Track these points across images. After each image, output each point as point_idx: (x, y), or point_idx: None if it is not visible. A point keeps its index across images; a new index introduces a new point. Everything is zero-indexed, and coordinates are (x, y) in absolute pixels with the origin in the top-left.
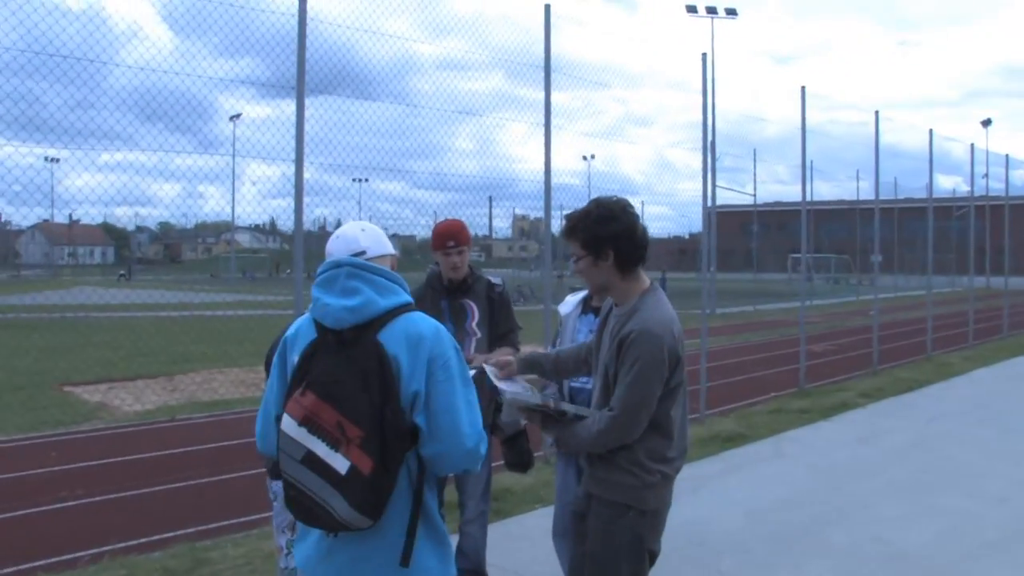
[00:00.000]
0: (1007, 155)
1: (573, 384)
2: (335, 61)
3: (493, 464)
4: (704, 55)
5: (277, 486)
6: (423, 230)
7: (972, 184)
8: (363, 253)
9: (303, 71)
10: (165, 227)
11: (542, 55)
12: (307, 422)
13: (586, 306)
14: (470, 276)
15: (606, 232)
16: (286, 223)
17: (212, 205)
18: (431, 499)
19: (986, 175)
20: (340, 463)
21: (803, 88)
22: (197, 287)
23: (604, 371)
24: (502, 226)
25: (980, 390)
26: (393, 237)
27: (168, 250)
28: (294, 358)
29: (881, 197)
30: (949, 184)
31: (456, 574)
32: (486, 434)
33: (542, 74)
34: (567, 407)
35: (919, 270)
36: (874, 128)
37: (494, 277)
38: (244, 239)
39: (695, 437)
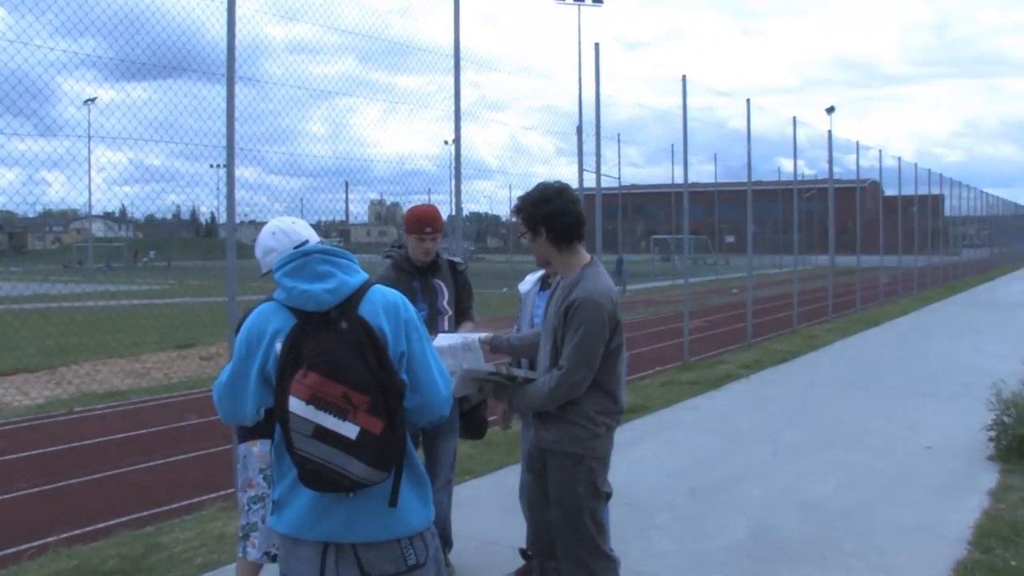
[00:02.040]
0: (857, 142)
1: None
2: (183, 42)
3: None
4: (596, 44)
5: (243, 448)
6: (277, 216)
7: (831, 169)
8: (306, 242)
9: (233, 54)
10: (6, 216)
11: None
12: (313, 399)
13: (543, 283)
14: (437, 258)
15: (539, 212)
16: (138, 210)
17: (56, 192)
18: (411, 446)
19: (830, 159)
20: (349, 430)
21: (684, 77)
22: (52, 278)
23: (552, 336)
24: (359, 211)
25: (847, 358)
26: (250, 224)
27: (13, 240)
28: (277, 347)
29: (730, 179)
30: (790, 167)
31: (434, 516)
32: (458, 403)
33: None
34: (517, 372)
35: (771, 250)
36: (746, 114)
37: (454, 256)
38: (96, 228)
39: None
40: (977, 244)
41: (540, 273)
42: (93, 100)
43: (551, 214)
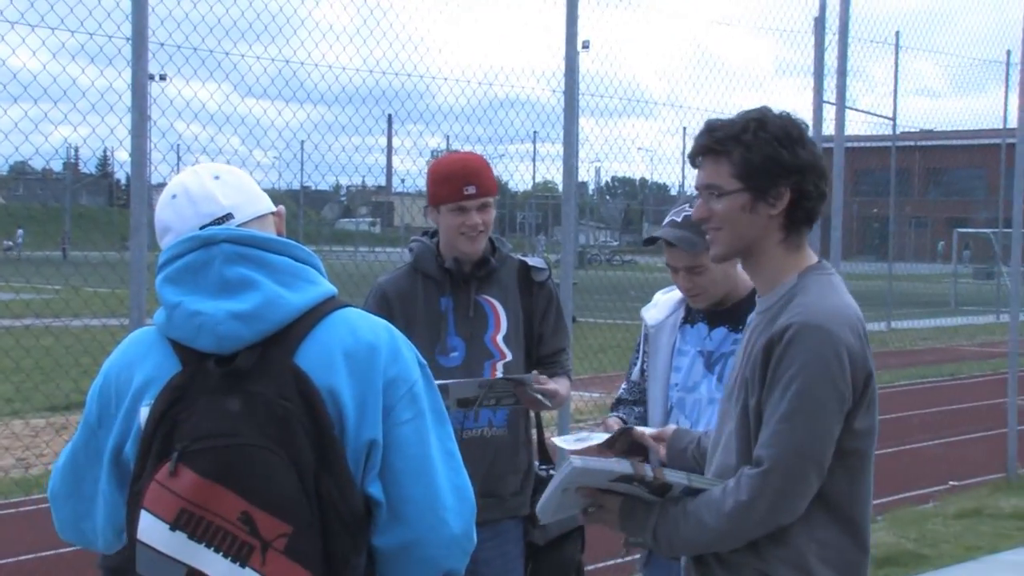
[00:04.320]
0: None
1: None
2: None
3: None
4: None
5: None
6: (266, 173)
7: None
8: (228, 218)
9: None
10: None
11: None
12: (187, 522)
13: (691, 312)
14: (493, 255)
15: (789, 160)
16: None
17: None
18: None
19: None
20: None
21: None
22: None
23: (741, 401)
24: (409, 169)
25: None
26: None
27: None
28: (143, 413)
29: None
30: None
31: None
32: (521, 526)
33: None
34: (674, 476)
35: None
36: None
37: (532, 259)
38: None
39: None
40: None
41: (680, 294)
42: None
43: (807, 167)
